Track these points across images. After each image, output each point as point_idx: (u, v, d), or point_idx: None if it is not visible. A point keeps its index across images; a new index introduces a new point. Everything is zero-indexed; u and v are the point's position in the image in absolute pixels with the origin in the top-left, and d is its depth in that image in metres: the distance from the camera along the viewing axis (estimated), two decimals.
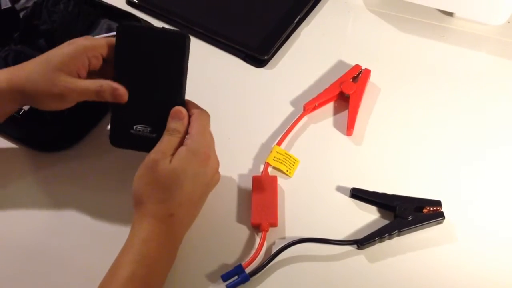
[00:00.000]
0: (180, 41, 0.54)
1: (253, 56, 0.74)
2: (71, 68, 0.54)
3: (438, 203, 0.58)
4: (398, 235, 0.58)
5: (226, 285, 0.55)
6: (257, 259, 0.56)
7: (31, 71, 0.55)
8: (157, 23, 0.78)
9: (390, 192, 0.60)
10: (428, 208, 0.58)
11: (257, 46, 0.74)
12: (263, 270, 0.56)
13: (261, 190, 0.60)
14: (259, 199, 0.60)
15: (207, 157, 0.54)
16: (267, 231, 0.58)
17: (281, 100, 0.70)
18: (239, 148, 0.66)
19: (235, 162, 0.64)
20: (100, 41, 0.56)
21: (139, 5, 0.80)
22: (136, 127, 0.56)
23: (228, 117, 0.69)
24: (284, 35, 0.75)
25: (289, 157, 0.63)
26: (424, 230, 0.58)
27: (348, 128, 0.65)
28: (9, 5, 0.76)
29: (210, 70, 0.74)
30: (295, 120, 0.66)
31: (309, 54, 0.74)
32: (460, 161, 0.64)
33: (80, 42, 0.55)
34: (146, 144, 0.54)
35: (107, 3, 0.78)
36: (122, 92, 0.54)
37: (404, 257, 0.57)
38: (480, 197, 0.61)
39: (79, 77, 0.55)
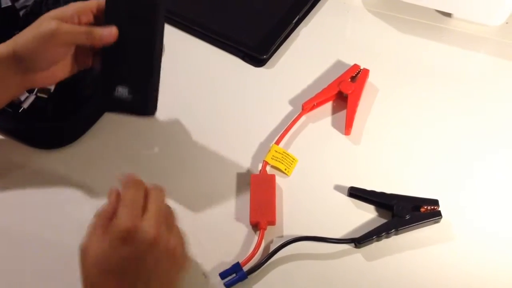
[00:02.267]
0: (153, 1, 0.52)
1: (252, 55, 0.74)
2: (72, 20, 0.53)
3: (435, 202, 0.59)
4: (396, 234, 0.58)
5: (224, 283, 0.55)
6: (255, 257, 0.57)
7: (24, 30, 0.55)
8: None
9: (388, 191, 0.60)
10: (425, 207, 0.59)
11: (256, 45, 0.74)
12: (261, 268, 0.56)
13: (259, 188, 0.61)
14: (257, 198, 0.60)
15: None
16: (265, 229, 0.58)
17: (280, 99, 0.70)
18: (238, 147, 0.66)
19: (233, 161, 0.65)
20: (91, 2, 0.55)
21: None
22: (118, 89, 0.54)
23: (227, 116, 0.69)
24: (283, 35, 0.75)
25: (288, 156, 0.64)
26: (422, 229, 0.59)
27: (346, 128, 0.66)
28: (9, 3, 0.76)
29: (209, 69, 0.74)
30: (294, 119, 0.67)
31: (307, 54, 0.75)
32: (458, 161, 0.64)
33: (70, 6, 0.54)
34: (127, 106, 0.52)
35: None
36: (113, 30, 0.53)
37: (401, 256, 0.57)
38: (478, 197, 0.61)
39: None
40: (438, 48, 0.74)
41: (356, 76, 0.70)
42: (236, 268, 0.55)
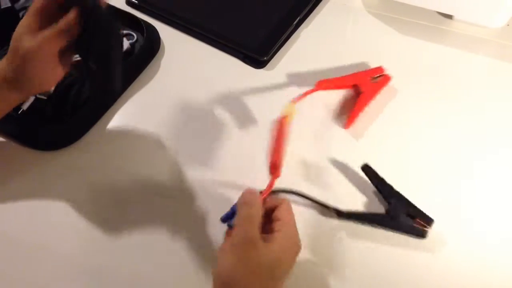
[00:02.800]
0: None
1: (253, 57, 0.74)
2: (29, 26, 0.53)
3: (429, 221, 0.57)
4: (378, 228, 0.58)
5: (227, 224, 0.55)
6: None
7: (5, 56, 0.55)
8: (156, 24, 0.78)
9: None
10: (419, 220, 0.57)
11: (257, 47, 0.74)
12: None
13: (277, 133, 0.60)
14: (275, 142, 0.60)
15: (299, 248, 0.49)
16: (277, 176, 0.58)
17: (280, 101, 0.70)
18: (237, 147, 0.66)
19: (232, 162, 0.64)
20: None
21: (138, 5, 0.81)
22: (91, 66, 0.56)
23: (226, 118, 0.69)
24: (284, 37, 0.75)
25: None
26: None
27: (348, 121, 0.66)
28: (9, 4, 0.76)
29: (209, 70, 0.74)
30: (305, 92, 0.68)
31: (308, 56, 0.75)
32: (457, 163, 0.64)
33: (36, 3, 0.54)
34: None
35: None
36: (73, 16, 0.52)
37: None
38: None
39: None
40: (439, 50, 0.74)
41: (376, 78, 0.70)
42: (234, 208, 0.56)
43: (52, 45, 0.53)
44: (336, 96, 0.69)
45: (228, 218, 0.55)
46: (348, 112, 0.67)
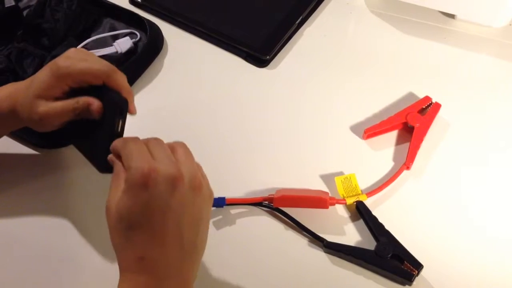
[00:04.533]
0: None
1: (255, 55, 0.74)
2: (49, 93, 0.52)
3: (418, 266, 0.54)
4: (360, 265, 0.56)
5: None
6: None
7: (21, 95, 0.54)
8: (160, 23, 0.78)
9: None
10: (407, 263, 0.54)
11: (259, 46, 0.74)
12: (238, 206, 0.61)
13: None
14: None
15: (149, 177, 0.42)
16: None
17: (282, 100, 0.70)
18: (237, 147, 0.66)
19: (231, 162, 0.65)
20: (79, 68, 0.52)
21: (142, 4, 0.81)
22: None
23: (228, 116, 0.69)
24: (286, 35, 0.75)
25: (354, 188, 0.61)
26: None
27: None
28: (13, 3, 0.77)
29: (211, 69, 0.74)
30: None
31: (310, 55, 0.75)
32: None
33: (62, 67, 0.51)
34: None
35: (110, 2, 0.78)
36: (96, 106, 0.51)
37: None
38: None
39: (57, 99, 0.53)
40: (441, 49, 0.74)
41: (426, 109, 0.66)
42: (220, 200, 0.59)
43: (62, 116, 0.53)
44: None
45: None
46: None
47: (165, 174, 0.42)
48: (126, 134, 0.67)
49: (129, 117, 0.53)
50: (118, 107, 0.50)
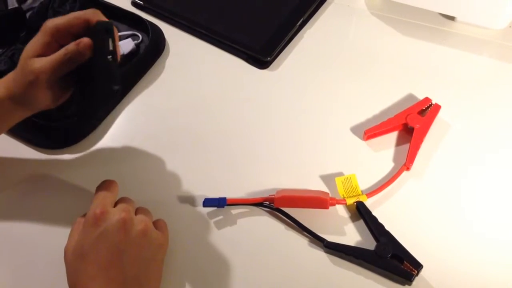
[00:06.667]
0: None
1: (256, 57, 0.74)
2: (41, 52, 0.53)
3: (418, 266, 0.54)
4: (361, 265, 0.56)
5: (203, 201, 0.60)
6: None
7: (12, 74, 0.55)
8: (161, 24, 0.79)
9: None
10: (407, 263, 0.55)
11: (260, 47, 0.74)
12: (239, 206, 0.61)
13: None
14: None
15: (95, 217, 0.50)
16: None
17: (283, 101, 0.70)
18: (238, 148, 0.66)
19: (232, 163, 0.65)
20: (65, 19, 0.53)
21: (144, 6, 0.81)
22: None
23: (229, 117, 0.69)
24: (287, 37, 0.75)
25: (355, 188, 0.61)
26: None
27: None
28: (16, 5, 0.77)
29: (213, 70, 0.74)
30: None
31: (311, 56, 0.75)
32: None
33: (49, 24, 0.53)
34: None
35: (112, 4, 0.79)
36: (85, 41, 0.52)
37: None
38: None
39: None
40: (441, 51, 0.75)
41: (425, 110, 0.67)
42: (221, 201, 0.60)
43: (59, 69, 0.53)
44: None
45: (209, 202, 0.59)
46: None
47: (115, 217, 0.50)
48: (135, 135, 0.68)
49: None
50: (103, 28, 0.53)
